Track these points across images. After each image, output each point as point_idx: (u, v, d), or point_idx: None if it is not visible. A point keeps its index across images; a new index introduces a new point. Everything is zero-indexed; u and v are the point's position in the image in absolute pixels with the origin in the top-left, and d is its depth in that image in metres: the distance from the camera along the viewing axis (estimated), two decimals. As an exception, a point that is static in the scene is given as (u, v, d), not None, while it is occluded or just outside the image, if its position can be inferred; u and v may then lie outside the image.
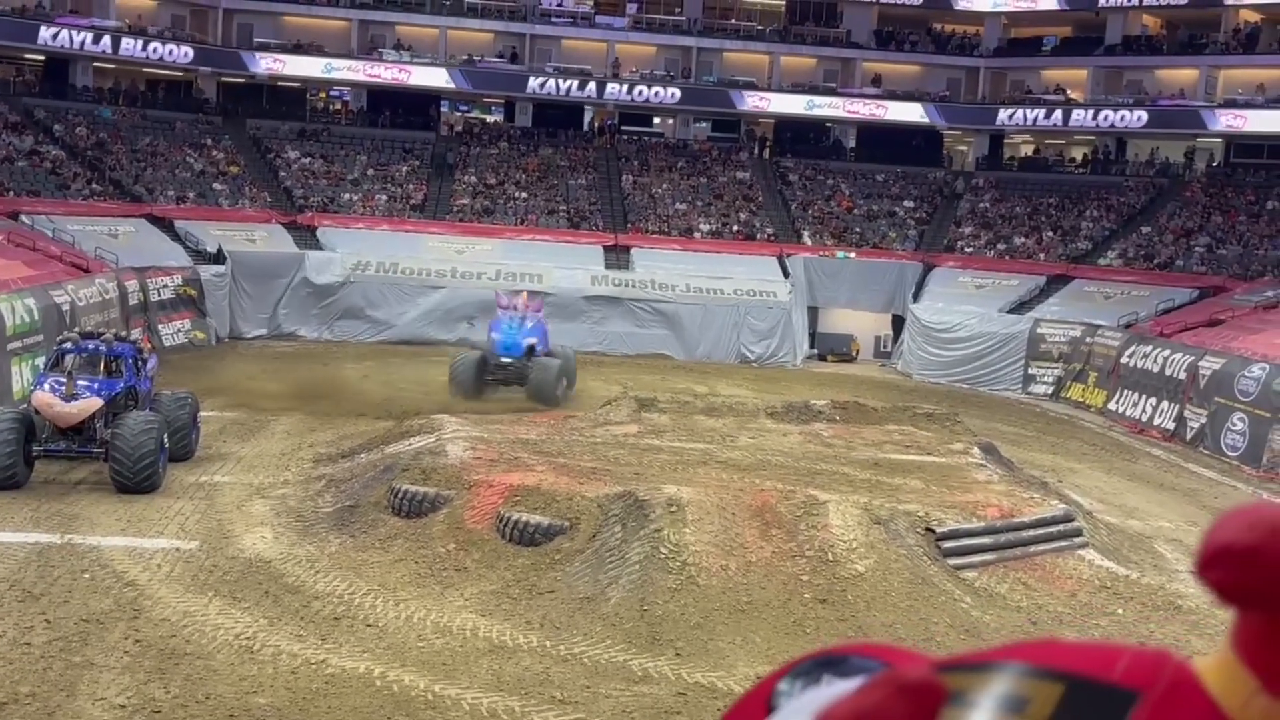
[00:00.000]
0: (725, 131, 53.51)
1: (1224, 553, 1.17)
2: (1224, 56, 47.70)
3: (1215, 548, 1.17)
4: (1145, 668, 1.16)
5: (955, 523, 16.88)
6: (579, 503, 16.55)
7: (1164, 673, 1.16)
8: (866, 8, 53.07)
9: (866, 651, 1.27)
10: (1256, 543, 1.15)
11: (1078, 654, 1.18)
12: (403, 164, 47.59)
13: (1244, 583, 1.16)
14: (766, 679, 1.29)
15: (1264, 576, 1.15)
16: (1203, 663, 1.18)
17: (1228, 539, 1.17)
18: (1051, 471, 25.33)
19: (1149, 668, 1.17)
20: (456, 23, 51.33)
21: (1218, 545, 1.17)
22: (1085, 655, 1.18)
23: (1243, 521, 1.17)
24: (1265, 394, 28.12)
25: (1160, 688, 1.14)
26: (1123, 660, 1.16)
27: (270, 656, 13.03)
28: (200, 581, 15.28)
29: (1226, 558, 1.16)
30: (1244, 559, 1.15)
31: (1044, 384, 38.01)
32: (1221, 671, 1.19)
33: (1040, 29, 53.32)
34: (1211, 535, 1.19)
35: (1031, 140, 53.67)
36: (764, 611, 14.50)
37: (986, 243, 45.49)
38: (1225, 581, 1.17)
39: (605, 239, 44.28)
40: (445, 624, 14.16)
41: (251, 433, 24.37)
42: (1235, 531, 1.17)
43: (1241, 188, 45.19)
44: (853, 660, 1.25)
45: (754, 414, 24.74)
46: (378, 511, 17.69)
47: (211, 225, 40.35)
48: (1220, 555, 1.17)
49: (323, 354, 36.60)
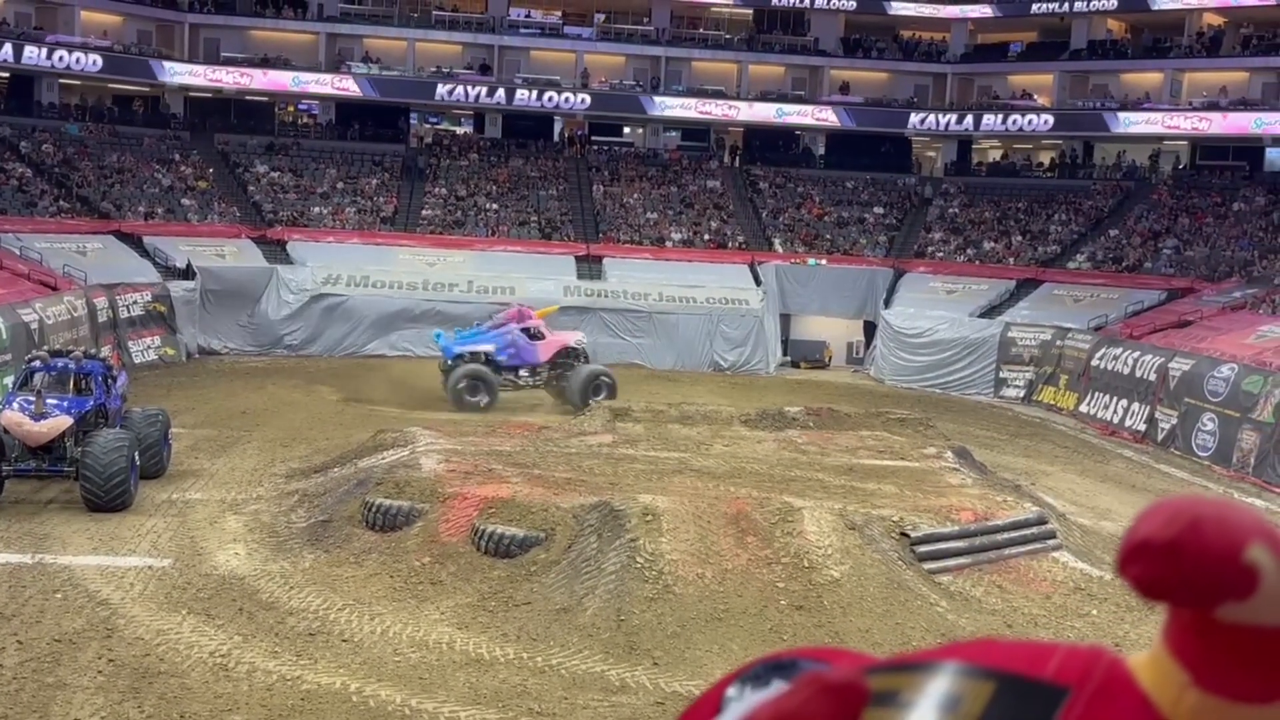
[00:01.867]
0: (695, 140, 53.61)
1: (1143, 548, 1.16)
2: (1188, 59, 48.15)
3: (1135, 543, 1.17)
4: (1078, 664, 1.17)
5: (930, 527, 16.94)
6: (554, 514, 16.53)
7: (1096, 669, 1.17)
8: (833, 15, 53.31)
9: (816, 655, 1.28)
10: (1175, 537, 1.15)
11: (1012, 653, 1.19)
12: (372, 177, 47.47)
13: (1163, 578, 1.16)
14: (718, 683, 1.30)
15: (1183, 571, 1.14)
16: (1137, 658, 1.19)
17: (1147, 534, 1.17)
18: (1024, 474, 25.45)
19: (1082, 664, 1.17)
20: (424, 35, 51.29)
21: (1137, 540, 1.17)
22: (1019, 654, 1.18)
23: (1162, 516, 1.17)
24: (1234, 394, 28.35)
25: (1092, 684, 1.15)
26: (1056, 658, 1.17)
27: (245, 674, 12.94)
28: (174, 599, 15.17)
29: (1146, 553, 1.16)
30: (1163, 554, 1.15)
31: (1015, 387, 38.20)
32: (1154, 666, 1.19)
33: (1006, 35, 53.69)
34: (1132, 530, 1.19)
35: (999, 145, 54.01)
36: (741, 619, 14.51)
37: (956, 248, 45.72)
38: (1144, 576, 1.17)
39: (577, 249, 44.28)
40: (421, 638, 14.10)
41: (223, 448, 24.23)
42: (1154, 526, 1.17)
43: (1207, 190, 45.58)
44: (802, 664, 1.26)
45: (728, 422, 24.77)
46: (352, 526, 17.61)
47: (180, 241, 40.13)
48: (1139, 550, 1.17)
49: (293, 369, 36.41)
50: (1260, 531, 1.16)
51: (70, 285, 33.35)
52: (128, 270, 37.06)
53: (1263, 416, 27.22)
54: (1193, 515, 1.16)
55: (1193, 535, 1.15)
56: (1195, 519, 1.16)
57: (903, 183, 50.67)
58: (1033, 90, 51.12)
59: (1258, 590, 1.14)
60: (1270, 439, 26.80)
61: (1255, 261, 39.40)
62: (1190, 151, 48.88)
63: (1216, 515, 1.17)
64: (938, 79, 52.99)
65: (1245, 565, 1.14)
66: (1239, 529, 1.16)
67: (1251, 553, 1.14)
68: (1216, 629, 1.17)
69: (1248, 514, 1.18)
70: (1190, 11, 48.29)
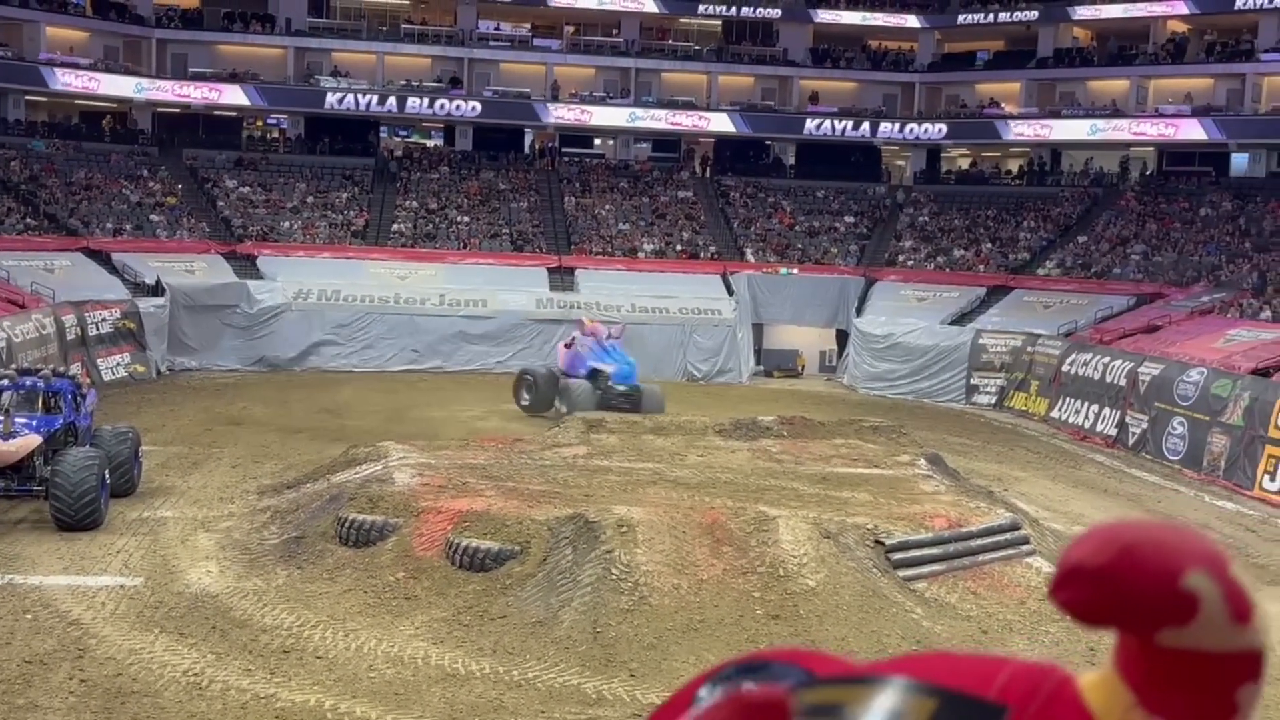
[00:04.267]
0: (666, 151, 53.71)
1: (1075, 573, 1.16)
2: (1153, 66, 48.60)
3: (1067, 568, 1.17)
4: (1025, 683, 1.17)
5: (904, 534, 16.98)
6: (529, 526, 16.48)
7: (1043, 688, 1.16)
8: (802, 26, 53.55)
9: (788, 657, 1.27)
10: (1107, 563, 1.15)
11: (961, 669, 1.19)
12: (342, 190, 47.34)
13: (1095, 604, 1.16)
14: (690, 683, 1.29)
15: (1116, 597, 1.15)
16: (1087, 678, 1.18)
17: (1079, 559, 1.17)
18: (997, 480, 25.56)
19: (1029, 683, 1.17)
20: (394, 48, 51.26)
21: (1069, 565, 1.17)
22: (968, 670, 1.19)
23: (1095, 541, 1.17)
24: (1204, 398, 28.55)
25: (1037, 703, 1.15)
26: (1003, 675, 1.17)
27: (219, 692, 12.84)
28: (146, 618, 15.04)
29: (1077, 578, 1.16)
30: (1095, 580, 1.15)
31: (987, 394, 38.37)
32: (1102, 687, 1.19)
33: (973, 43, 54.06)
34: (1065, 555, 1.19)
35: (968, 154, 54.33)
36: (717, 629, 14.50)
37: (927, 256, 45.94)
38: (1075, 602, 1.17)
39: (549, 261, 44.26)
40: (396, 653, 14.03)
41: (195, 465, 24.06)
42: (1087, 552, 1.17)
43: (1174, 195, 45.97)
44: (774, 666, 1.26)
45: (702, 432, 24.77)
46: (325, 542, 17.51)
47: (149, 257, 39.89)
48: (1072, 575, 1.16)
49: (265, 384, 36.24)
50: (1200, 557, 1.16)
51: (38, 303, 33.10)
52: (96, 287, 36.81)
53: (1232, 420, 27.43)
54: (1127, 541, 1.16)
55: (1126, 561, 1.14)
56: (1129, 544, 1.15)
57: (873, 191, 50.92)
58: (1000, 98, 51.46)
59: (1198, 616, 1.14)
60: (1240, 442, 27.00)
61: (1222, 266, 39.74)
62: (1157, 158, 49.31)
63: (1153, 540, 1.16)
64: (906, 88, 53.31)
65: (1183, 591, 1.14)
66: (1177, 555, 1.15)
67: (1190, 579, 1.14)
68: (1159, 653, 1.17)
69: (1189, 538, 1.18)
70: (1156, 19, 48.75)
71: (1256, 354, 30.01)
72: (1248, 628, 1.17)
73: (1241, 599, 1.17)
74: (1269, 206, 42.69)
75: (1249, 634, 1.18)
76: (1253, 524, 23.83)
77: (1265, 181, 45.39)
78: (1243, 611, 1.17)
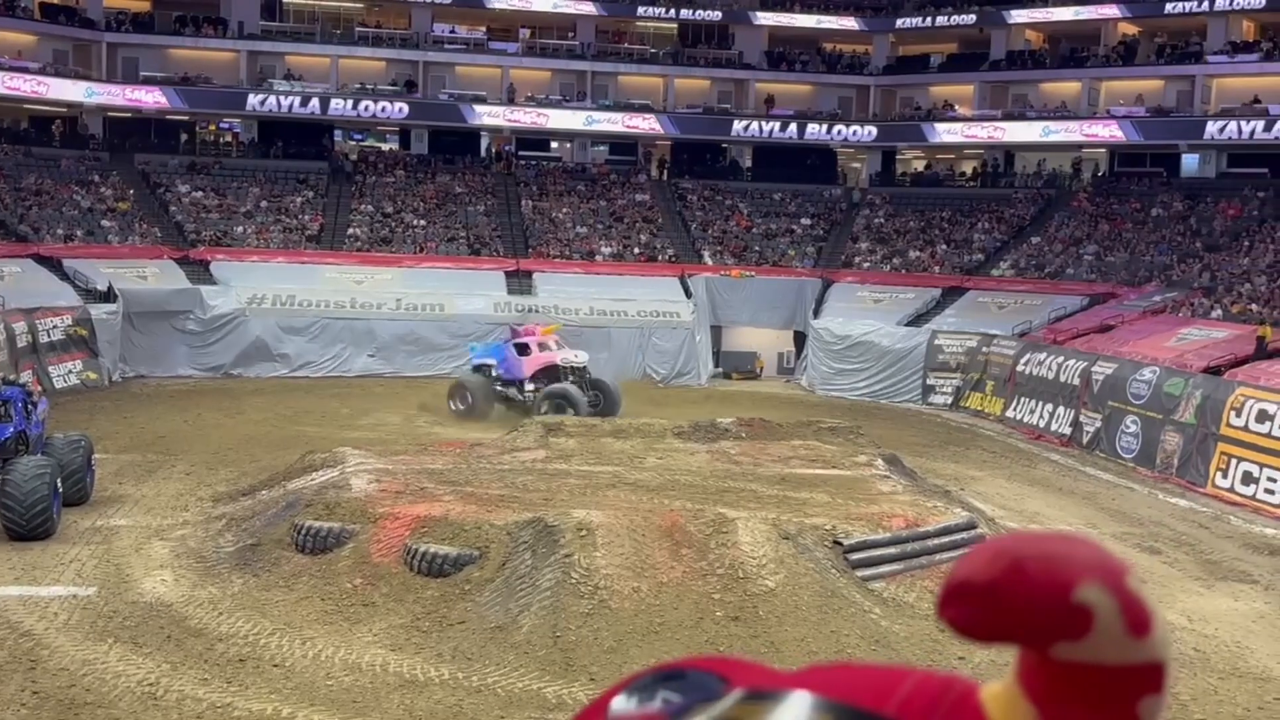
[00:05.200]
0: (623, 154, 53.71)
1: (962, 589, 1.15)
2: (1105, 68, 49.10)
3: (954, 584, 1.16)
4: (925, 696, 1.16)
5: (862, 534, 17.05)
6: (488, 531, 16.41)
7: (944, 702, 1.16)
8: (757, 29, 53.72)
9: (706, 665, 1.26)
10: (995, 579, 1.14)
11: (862, 682, 1.18)
12: (296, 195, 47.02)
13: (984, 620, 1.15)
14: (606, 693, 1.28)
15: (1005, 613, 1.13)
16: (989, 690, 1.17)
17: (966, 575, 1.16)
18: (954, 480, 25.73)
19: (929, 696, 1.16)
20: (348, 51, 50.98)
21: (956, 582, 1.16)
22: (869, 683, 1.18)
23: (984, 557, 1.16)
24: (1156, 396, 28.86)
25: (937, 716, 1.14)
26: (904, 688, 1.16)
27: (175, 702, 12.71)
28: (99, 628, 14.86)
29: (964, 594, 1.15)
30: (982, 596, 1.14)
31: (943, 394, 38.61)
32: (1004, 700, 1.18)
33: (927, 46, 54.40)
34: (952, 571, 1.18)
35: (923, 156, 54.68)
36: (677, 632, 14.50)
37: (883, 257, 46.19)
38: (963, 619, 1.15)
39: (507, 264, 44.14)
40: (354, 661, 13.93)
41: (148, 473, 23.81)
42: (975, 568, 1.15)
43: (1126, 196, 46.45)
44: (691, 675, 1.25)
45: (661, 434, 24.77)
46: (281, 549, 17.36)
47: (101, 263, 39.44)
48: (959, 592, 1.15)
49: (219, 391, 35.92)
50: (1093, 569, 1.14)
51: (-12, 310, 32.64)
52: (47, 294, 36.33)
53: (1184, 418, 27.74)
54: (1016, 555, 1.14)
55: (1015, 577, 1.13)
56: (1018, 559, 1.14)
57: (829, 194, 51.14)
58: (954, 100, 51.82)
59: (1093, 630, 1.13)
60: (1192, 440, 27.31)
61: (1174, 266, 40.19)
62: (1109, 159, 49.82)
63: (1043, 554, 1.15)
64: (861, 91, 53.59)
65: (1076, 605, 1.12)
66: (1068, 568, 1.14)
67: (1083, 593, 1.13)
68: (1057, 667, 1.16)
69: (1082, 550, 1.17)
70: (1107, 22, 49.27)
71: (1208, 353, 30.38)
72: (1146, 640, 1.16)
73: (1139, 611, 1.16)
74: (1219, 207, 43.22)
75: (1148, 647, 1.17)
76: (1206, 521, 24.10)
77: (1215, 182, 45.95)
78: (1140, 624, 1.16)
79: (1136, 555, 20.70)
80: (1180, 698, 14.04)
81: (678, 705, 1.22)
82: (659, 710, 1.22)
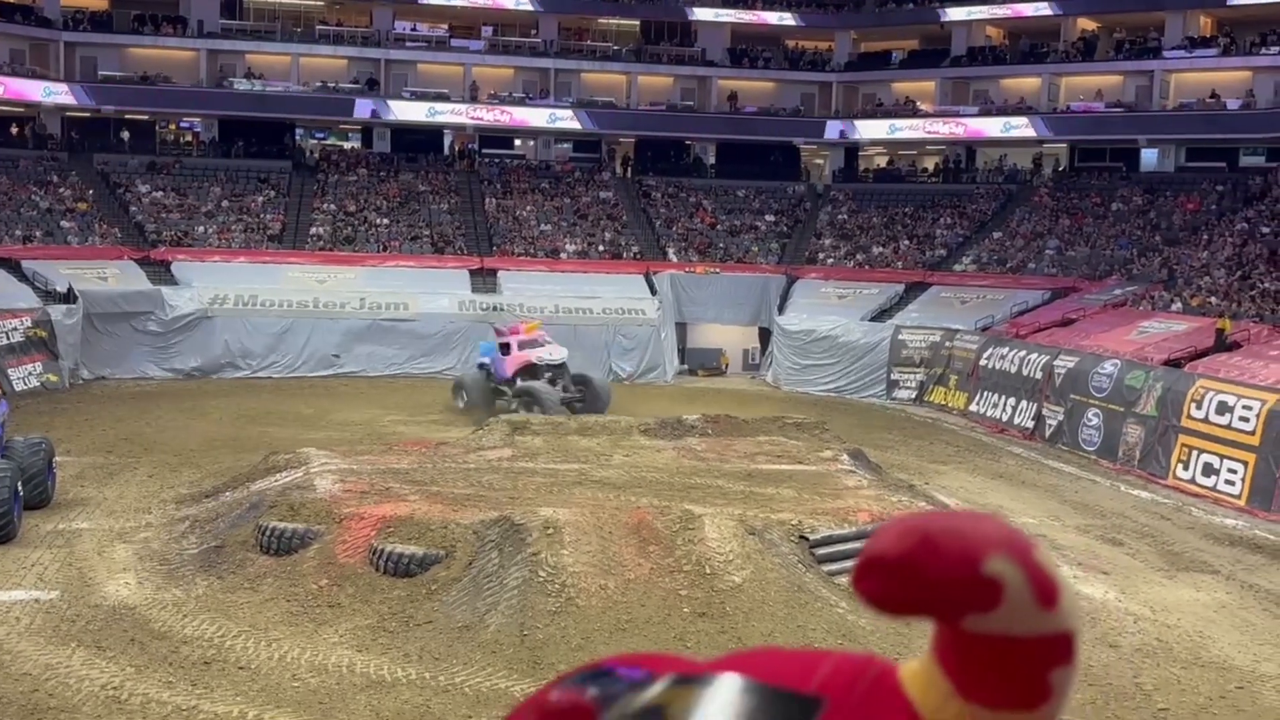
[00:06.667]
0: (587, 152, 53.66)
1: (875, 564, 1.18)
2: (1064, 64, 49.46)
3: (867, 559, 1.19)
4: (844, 675, 1.20)
5: (828, 529, 17.12)
6: (454, 530, 16.38)
7: (862, 680, 1.19)
8: (720, 26, 53.80)
9: (631, 661, 1.29)
10: (906, 552, 1.17)
11: (784, 664, 1.22)
12: (258, 194, 46.70)
13: (897, 593, 1.18)
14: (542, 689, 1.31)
15: (916, 587, 1.17)
16: (907, 668, 1.20)
17: (879, 550, 1.19)
18: (918, 474, 25.89)
19: (848, 675, 1.20)
20: (309, 50, 50.67)
21: (870, 557, 1.19)
22: (791, 665, 1.22)
23: (894, 533, 1.19)
24: (1118, 389, 29.11)
25: (855, 695, 1.17)
26: (824, 668, 1.20)
27: (139, 705, 12.61)
28: (62, 632, 14.73)
29: (877, 569, 1.18)
30: (894, 570, 1.17)
31: (907, 389, 38.80)
32: (921, 676, 1.21)
33: (888, 43, 54.65)
34: (866, 547, 1.21)
35: (885, 152, 54.93)
36: (645, 628, 14.51)
37: (846, 253, 46.37)
38: (875, 592, 1.19)
39: (471, 263, 44.02)
40: (320, 662, 13.87)
41: (111, 476, 23.61)
42: (887, 543, 1.19)
43: (1086, 191, 46.81)
44: (618, 672, 1.28)
45: (627, 432, 24.79)
46: (245, 551, 17.26)
47: (61, 264, 39.06)
48: (872, 567, 1.19)
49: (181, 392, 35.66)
50: (1001, 543, 1.17)
51: (-55, 313, 32.26)
52: (6, 296, 35.94)
53: (1146, 410, 28.00)
54: (926, 530, 1.18)
55: (925, 550, 1.16)
56: (927, 534, 1.17)
57: (792, 190, 51.29)
58: (915, 96, 52.07)
59: (1002, 602, 1.16)
60: (1154, 432, 27.57)
61: (1134, 260, 40.55)
62: (1069, 154, 50.21)
63: (952, 529, 1.18)
64: (823, 87, 53.76)
65: (985, 578, 1.16)
66: (977, 542, 1.17)
67: (991, 565, 1.16)
68: (971, 640, 1.19)
69: (990, 526, 1.20)
70: (1066, 18, 49.65)
71: (1168, 345, 30.67)
72: (1055, 611, 1.19)
73: (1046, 583, 1.19)
74: (1178, 201, 43.64)
75: (1057, 617, 1.20)
76: (1167, 512, 24.34)
77: (1174, 176, 46.40)
78: (1048, 595, 1.19)
79: (1099, 547, 20.90)
80: (1144, 687, 14.18)
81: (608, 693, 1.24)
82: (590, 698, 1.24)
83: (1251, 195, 42.06)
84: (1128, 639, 15.91)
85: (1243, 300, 33.45)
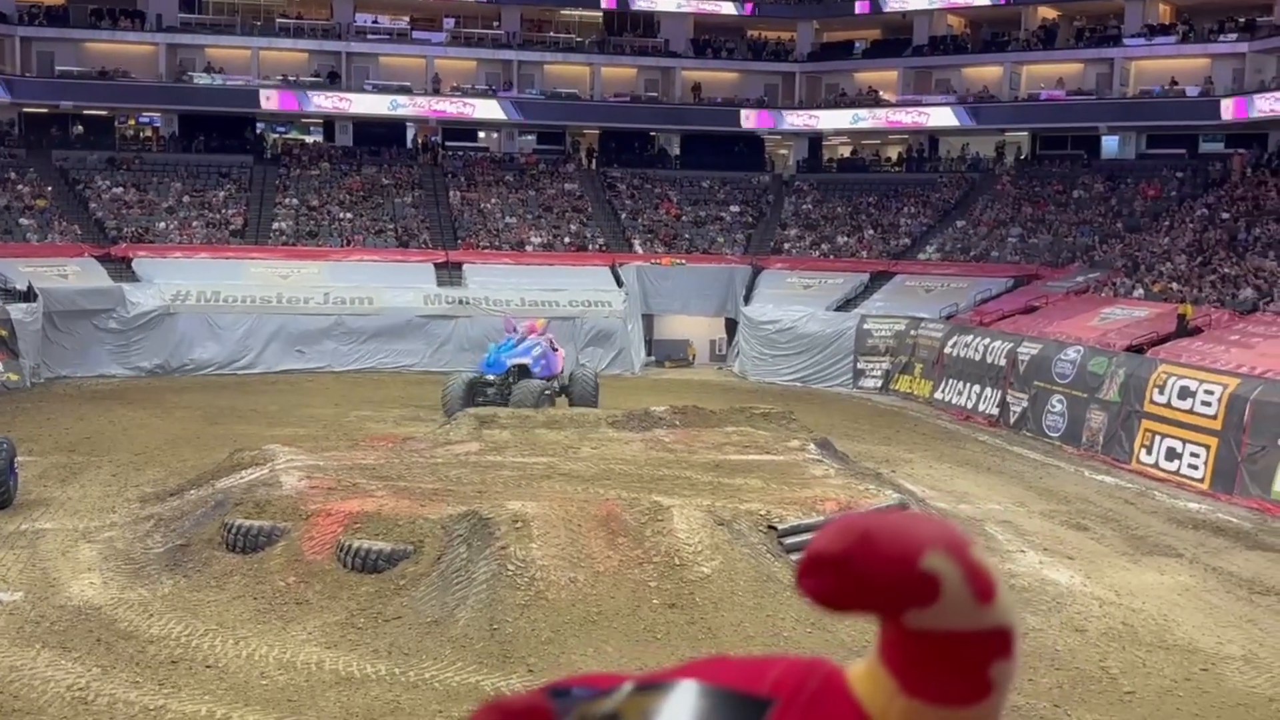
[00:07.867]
0: (551, 144, 53.54)
1: (816, 561, 1.21)
2: (1025, 53, 49.73)
3: (809, 557, 1.23)
4: (793, 677, 1.23)
5: (796, 519, 17.15)
6: (422, 525, 16.32)
7: (811, 681, 1.22)
8: (683, 17, 53.77)
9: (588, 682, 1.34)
10: (845, 549, 1.19)
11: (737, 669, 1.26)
12: (219, 189, 46.33)
13: (837, 590, 1.20)
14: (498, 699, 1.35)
15: (856, 582, 1.19)
16: (854, 669, 1.23)
17: (820, 548, 1.22)
18: (885, 462, 26.00)
19: (798, 677, 1.23)
20: (269, 43, 50.27)
21: (811, 555, 1.23)
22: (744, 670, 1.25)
23: (835, 531, 1.22)
24: (1081, 376, 29.33)
25: (804, 695, 1.20)
26: (775, 671, 1.23)
27: (106, 706, 12.51)
28: (26, 634, 14.59)
29: (819, 566, 1.21)
30: (835, 567, 1.20)
31: (873, 378, 38.97)
32: (868, 677, 1.24)
33: (851, 33, 54.79)
34: (809, 546, 1.24)
35: (849, 142, 55.09)
36: (614, 620, 14.52)
37: (811, 243, 46.49)
38: (818, 589, 1.22)
39: (436, 256, 43.85)
40: (289, 659, 13.80)
41: (74, 475, 23.39)
42: (827, 541, 1.22)
43: (1048, 179, 47.12)
44: (575, 690, 1.33)
45: (595, 424, 24.78)
46: (211, 549, 17.14)
47: (20, 262, 38.63)
48: (814, 564, 1.22)
49: (144, 390, 35.37)
50: (938, 540, 1.21)
51: (-98, 312, 31.85)
52: (-36, 294, 35.57)
53: (1109, 396, 28.23)
54: (864, 528, 1.21)
55: (864, 547, 1.19)
56: (866, 532, 1.20)
57: (757, 180, 51.36)
58: (878, 86, 52.22)
59: (940, 597, 1.19)
60: (1117, 417, 27.80)
61: (1096, 246, 40.85)
62: (1031, 142, 50.51)
63: (890, 526, 1.22)
64: (787, 78, 53.83)
65: (923, 573, 1.18)
66: (914, 538, 1.20)
67: (929, 561, 1.19)
68: (911, 636, 1.22)
69: (928, 524, 1.24)
70: (1026, 7, 49.92)
71: (1130, 331, 30.93)
72: (992, 606, 1.22)
73: (983, 578, 1.22)
74: (1139, 187, 43.98)
75: (994, 612, 1.22)
76: (1131, 496, 24.56)
77: (1135, 163, 46.77)
78: (985, 590, 1.21)
79: (1064, 532, 21.06)
80: (1110, 671, 14.31)
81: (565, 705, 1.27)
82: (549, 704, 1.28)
83: (1211, 181, 42.46)
84: (1093, 623, 16.05)
85: (1203, 285, 33.76)
